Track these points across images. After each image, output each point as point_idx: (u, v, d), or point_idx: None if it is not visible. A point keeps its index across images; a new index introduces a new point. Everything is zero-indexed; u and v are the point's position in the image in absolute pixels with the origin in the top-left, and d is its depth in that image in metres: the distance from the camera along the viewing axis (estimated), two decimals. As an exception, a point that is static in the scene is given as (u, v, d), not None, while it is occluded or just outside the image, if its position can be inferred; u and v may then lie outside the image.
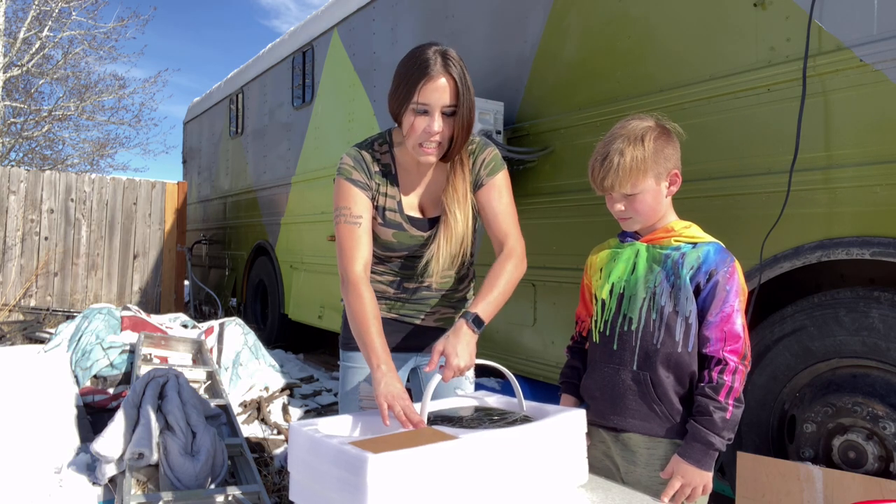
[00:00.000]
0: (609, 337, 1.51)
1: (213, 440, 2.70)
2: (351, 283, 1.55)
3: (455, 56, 1.51)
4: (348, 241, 1.58)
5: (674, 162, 1.46)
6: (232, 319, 4.63)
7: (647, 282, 1.46)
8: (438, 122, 1.49)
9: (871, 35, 1.88)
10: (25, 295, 6.69)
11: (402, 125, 1.56)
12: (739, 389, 1.37)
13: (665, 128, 1.48)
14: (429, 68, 1.46)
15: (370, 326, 1.49)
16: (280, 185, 5.88)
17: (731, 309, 1.39)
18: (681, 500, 1.37)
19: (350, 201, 1.60)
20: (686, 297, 1.41)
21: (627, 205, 1.47)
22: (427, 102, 1.47)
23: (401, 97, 1.51)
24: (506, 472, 1.22)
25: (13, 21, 13.06)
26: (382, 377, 1.39)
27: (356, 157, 1.64)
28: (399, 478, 1.07)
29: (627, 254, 1.52)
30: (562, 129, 2.92)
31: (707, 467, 1.36)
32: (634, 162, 1.42)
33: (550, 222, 3.00)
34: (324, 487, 1.16)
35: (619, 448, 1.51)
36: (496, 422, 1.35)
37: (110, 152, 17.59)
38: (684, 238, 1.47)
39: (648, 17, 2.55)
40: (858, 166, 1.91)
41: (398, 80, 1.52)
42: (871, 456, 1.93)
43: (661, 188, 1.46)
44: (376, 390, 1.37)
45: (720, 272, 1.40)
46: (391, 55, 4.23)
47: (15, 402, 3.25)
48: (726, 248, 1.46)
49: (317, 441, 1.19)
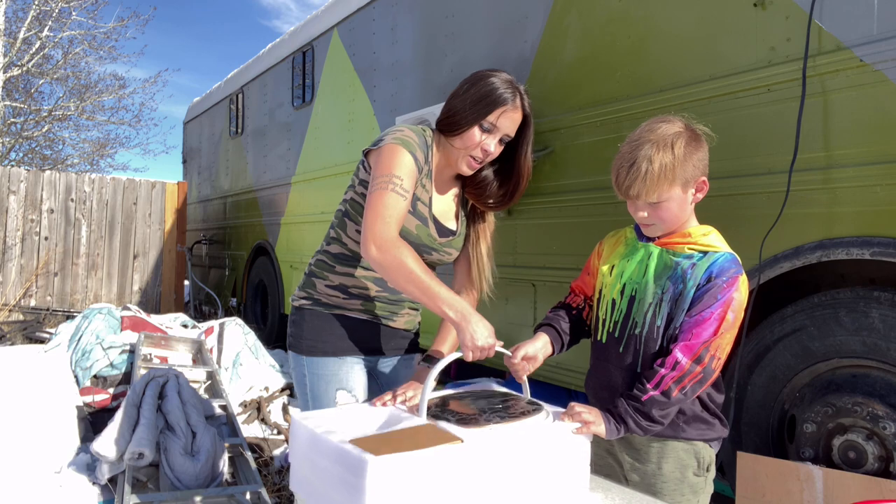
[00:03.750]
0: (618, 339, 1.49)
1: (213, 440, 2.70)
2: (394, 241, 1.45)
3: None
4: (392, 208, 1.48)
5: (702, 168, 1.41)
6: (232, 319, 4.63)
7: (656, 287, 1.44)
8: (495, 145, 1.59)
9: (871, 35, 1.88)
10: (25, 295, 6.69)
11: (459, 133, 1.58)
12: (669, 383, 1.33)
13: (695, 132, 1.42)
14: (515, 99, 1.56)
15: (433, 277, 1.44)
16: (280, 184, 5.88)
17: (709, 314, 1.35)
18: (576, 420, 1.35)
19: (405, 173, 1.52)
20: (683, 307, 1.39)
21: (651, 212, 1.42)
22: (497, 125, 1.56)
23: (477, 112, 1.55)
24: (508, 475, 1.22)
25: (13, 21, 13.07)
26: (480, 319, 1.40)
27: (421, 137, 1.60)
28: (399, 480, 1.06)
29: (641, 254, 1.49)
30: (562, 129, 2.92)
31: (607, 429, 1.36)
32: (663, 170, 1.35)
33: (550, 222, 3.00)
34: (323, 483, 1.16)
35: (624, 446, 1.50)
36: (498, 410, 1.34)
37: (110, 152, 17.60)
38: (699, 246, 1.42)
39: (648, 17, 2.55)
40: (858, 166, 1.91)
41: (479, 95, 1.55)
42: (871, 456, 1.93)
43: (688, 196, 1.41)
44: (470, 326, 1.37)
45: (719, 279, 1.36)
46: (391, 55, 4.23)
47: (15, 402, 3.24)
48: (740, 261, 1.41)
49: (318, 437, 1.19)
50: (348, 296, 1.68)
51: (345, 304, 1.68)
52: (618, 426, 1.37)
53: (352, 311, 1.68)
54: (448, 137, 1.61)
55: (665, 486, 1.44)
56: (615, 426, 1.37)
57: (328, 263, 1.71)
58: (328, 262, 1.71)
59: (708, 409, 1.48)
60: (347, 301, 1.68)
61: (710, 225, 1.48)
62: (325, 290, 1.69)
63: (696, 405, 1.46)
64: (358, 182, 1.66)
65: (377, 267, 1.47)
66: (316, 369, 1.67)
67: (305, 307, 1.71)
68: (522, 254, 3.13)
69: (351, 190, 1.69)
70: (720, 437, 1.50)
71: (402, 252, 1.43)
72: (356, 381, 1.69)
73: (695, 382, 1.35)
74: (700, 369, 1.35)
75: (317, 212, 5.15)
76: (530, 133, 1.65)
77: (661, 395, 1.34)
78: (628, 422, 1.37)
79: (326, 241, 1.75)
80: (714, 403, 1.49)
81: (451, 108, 1.60)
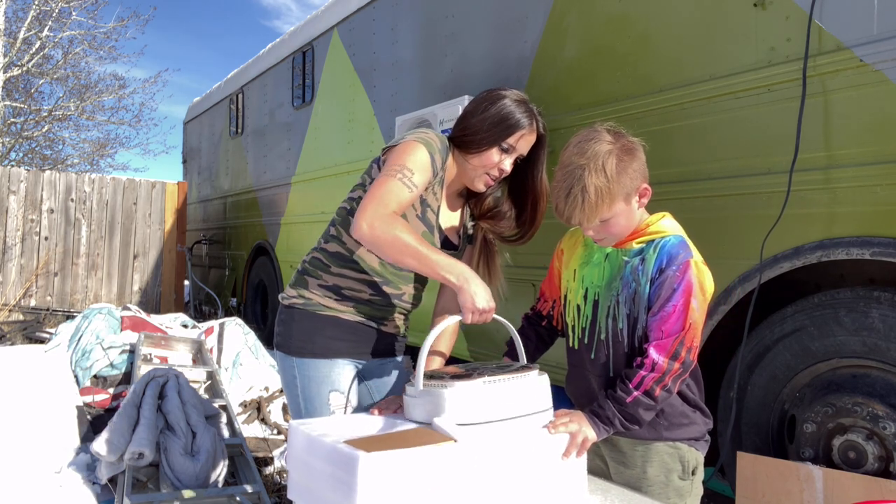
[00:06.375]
0: (588, 345, 1.50)
1: (213, 440, 2.70)
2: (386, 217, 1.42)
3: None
4: (393, 194, 1.45)
5: (640, 176, 1.40)
6: (232, 319, 4.63)
7: (611, 290, 1.45)
8: (510, 164, 1.62)
9: (871, 35, 1.88)
10: (25, 295, 6.69)
11: (478, 152, 1.59)
12: (651, 384, 1.34)
13: (624, 144, 1.39)
14: (532, 123, 1.61)
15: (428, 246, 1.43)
16: (280, 184, 5.88)
17: (672, 308, 1.35)
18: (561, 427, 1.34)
19: (418, 169, 1.51)
20: (642, 305, 1.39)
21: (600, 229, 1.42)
22: (515, 147, 1.60)
23: (497, 133, 1.57)
24: (503, 475, 1.22)
25: (13, 21, 13.07)
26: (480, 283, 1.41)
27: (444, 143, 1.61)
28: (390, 477, 1.07)
29: (598, 257, 1.51)
30: (562, 130, 2.92)
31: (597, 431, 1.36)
32: (599, 194, 1.33)
33: (550, 222, 2.98)
34: (319, 485, 1.16)
35: (608, 448, 1.51)
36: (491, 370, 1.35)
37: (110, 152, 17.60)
38: (647, 235, 1.42)
39: (648, 17, 2.55)
40: (858, 166, 1.91)
41: (498, 117, 1.57)
42: (871, 456, 1.93)
43: (632, 205, 1.41)
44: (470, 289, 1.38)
45: (670, 269, 1.36)
46: (391, 55, 4.23)
47: (15, 402, 3.25)
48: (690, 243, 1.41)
49: (312, 439, 1.19)
50: (340, 297, 1.64)
51: (336, 307, 1.64)
52: (606, 429, 1.38)
53: (343, 314, 1.64)
54: (465, 154, 1.62)
55: (650, 490, 1.44)
56: (604, 429, 1.38)
57: (324, 262, 1.68)
58: (324, 261, 1.68)
59: (688, 401, 1.47)
60: (339, 303, 1.64)
61: (712, 225, 1.47)
62: (317, 289, 1.66)
63: (676, 399, 1.46)
64: (370, 181, 1.63)
65: (370, 245, 1.44)
66: (307, 371, 1.64)
67: (296, 306, 1.66)
68: (522, 254, 3.12)
69: (360, 188, 1.66)
70: (704, 433, 1.50)
71: (394, 226, 1.41)
72: (347, 382, 1.67)
73: (675, 377, 1.36)
74: (678, 365, 1.35)
75: (317, 212, 5.15)
76: (544, 154, 1.67)
77: (645, 395, 1.35)
78: (615, 423, 1.37)
79: (324, 238, 1.72)
80: (693, 393, 1.48)
81: (469, 128, 1.60)
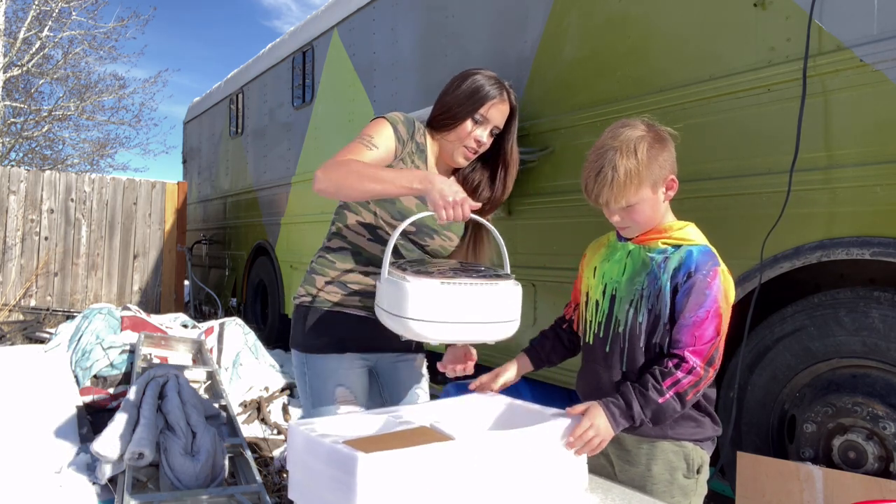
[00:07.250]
0: (603, 339, 1.50)
1: (213, 440, 2.70)
2: (337, 160, 1.52)
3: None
4: (348, 151, 1.55)
5: (669, 167, 1.42)
6: (232, 319, 4.63)
7: (634, 284, 1.45)
8: (487, 136, 1.69)
9: (871, 35, 1.88)
10: (25, 295, 6.69)
11: (453, 126, 1.67)
12: (686, 387, 1.33)
13: (658, 133, 1.43)
14: (503, 93, 1.68)
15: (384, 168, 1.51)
16: (280, 185, 5.88)
17: (705, 314, 1.35)
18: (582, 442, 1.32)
19: (377, 134, 1.62)
20: (665, 302, 1.39)
21: (625, 215, 1.44)
22: (487, 117, 1.67)
23: (470, 105, 1.65)
24: (500, 474, 1.22)
25: (13, 21, 13.07)
26: (443, 178, 1.43)
27: (408, 118, 1.70)
28: (389, 477, 1.07)
29: (620, 254, 1.52)
30: (562, 129, 2.92)
31: (615, 426, 1.34)
32: (629, 175, 1.36)
33: (550, 222, 3.00)
34: (318, 486, 1.16)
35: (613, 446, 1.50)
36: (463, 273, 1.37)
37: (110, 152, 17.57)
38: (673, 240, 1.44)
39: (648, 17, 2.55)
40: (858, 166, 1.91)
41: (469, 91, 1.66)
42: (871, 456, 1.93)
43: (658, 195, 1.43)
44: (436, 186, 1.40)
45: (699, 274, 1.36)
46: (391, 55, 4.23)
47: (15, 402, 3.25)
48: (716, 253, 1.42)
49: (312, 440, 1.20)
50: (347, 291, 1.70)
51: (344, 301, 1.70)
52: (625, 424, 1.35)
53: (351, 308, 1.69)
54: (442, 133, 1.70)
55: (655, 488, 1.44)
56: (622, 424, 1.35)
57: (328, 259, 1.73)
58: (328, 259, 1.73)
59: (699, 407, 1.47)
60: (347, 297, 1.70)
61: (712, 225, 1.48)
62: (324, 286, 1.71)
63: None
64: None
65: (327, 186, 1.50)
66: (315, 366, 1.69)
67: (305, 304, 1.73)
68: (522, 254, 3.12)
69: None
70: (712, 436, 1.50)
71: (345, 162, 1.50)
72: (355, 378, 1.70)
73: (707, 384, 1.37)
74: (713, 372, 1.36)
75: (317, 212, 5.15)
76: (515, 124, 1.76)
77: (676, 397, 1.34)
78: (636, 421, 1.35)
79: (328, 236, 1.78)
80: (706, 400, 1.48)
81: (443, 105, 1.70)
